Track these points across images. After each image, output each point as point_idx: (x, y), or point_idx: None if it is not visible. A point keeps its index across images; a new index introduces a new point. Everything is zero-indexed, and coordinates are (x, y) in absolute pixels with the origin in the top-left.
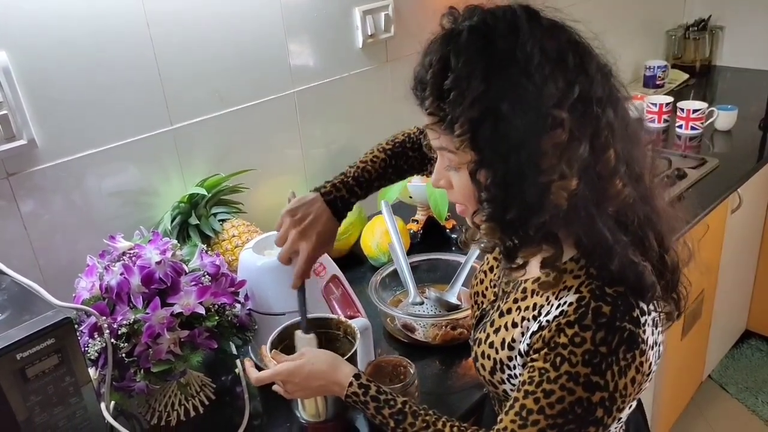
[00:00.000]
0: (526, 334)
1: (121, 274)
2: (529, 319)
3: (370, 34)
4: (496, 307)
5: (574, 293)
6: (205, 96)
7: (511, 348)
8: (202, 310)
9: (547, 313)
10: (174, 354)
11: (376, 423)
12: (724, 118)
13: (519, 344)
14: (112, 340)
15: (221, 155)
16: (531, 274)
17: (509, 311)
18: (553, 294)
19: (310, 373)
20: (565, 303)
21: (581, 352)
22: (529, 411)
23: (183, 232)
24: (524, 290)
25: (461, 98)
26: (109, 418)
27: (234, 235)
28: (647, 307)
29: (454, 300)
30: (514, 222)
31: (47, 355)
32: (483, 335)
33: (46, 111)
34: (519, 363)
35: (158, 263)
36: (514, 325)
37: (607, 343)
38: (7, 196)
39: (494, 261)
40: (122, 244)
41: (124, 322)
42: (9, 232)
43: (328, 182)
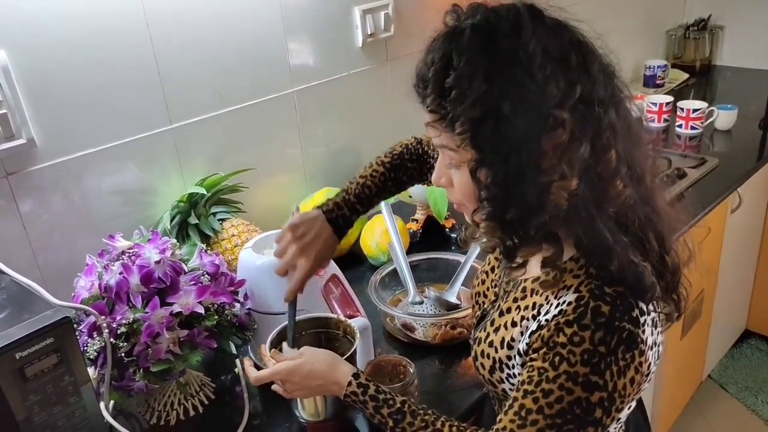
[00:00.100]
0: (526, 333)
1: (121, 273)
2: (528, 319)
3: (369, 33)
4: (496, 306)
5: (574, 292)
6: (205, 95)
7: (510, 347)
8: (201, 310)
9: (546, 312)
10: (173, 353)
11: (375, 422)
12: (724, 118)
13: (518, 343)
14: (112, 340)
15: (221, 154)
16: (531, 273)
17: (509, 310)
18: (552, 293)
19: (309, 372)
20: (564, 302)
21: (580, 351)
22: (528, 411)
23: (182, 232)
24: (524, 289)
25: (463, 97)
26: (108, 417)
27: (233, 235)
28: (647, 307)
29: (453, 299)
30: (514, 221)
31: (46, 355)
32: (483, 334)
33: (46, 110)
34: (518, 362)
35: (157, 263)
36: (514, 324)
37: (605, 343)
38: (7, 195)
39: (496, 261)
40: (121, 243)
41: (124, 321)
42: (8, 232)
43: (330, 200)
